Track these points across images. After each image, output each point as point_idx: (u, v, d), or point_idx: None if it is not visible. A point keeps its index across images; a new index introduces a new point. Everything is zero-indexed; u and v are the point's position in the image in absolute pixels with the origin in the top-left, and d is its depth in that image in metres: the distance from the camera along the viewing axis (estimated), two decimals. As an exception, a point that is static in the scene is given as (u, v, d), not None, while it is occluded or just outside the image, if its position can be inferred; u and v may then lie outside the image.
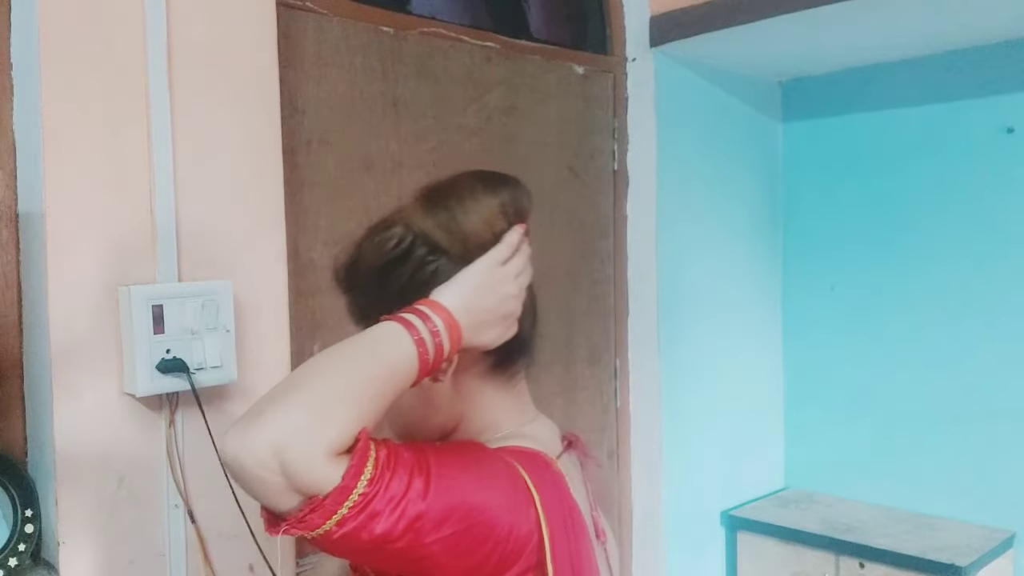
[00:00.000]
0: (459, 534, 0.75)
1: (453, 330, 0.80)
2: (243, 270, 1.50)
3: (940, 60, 2.45)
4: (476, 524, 0.75)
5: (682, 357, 2.41)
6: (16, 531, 1.31)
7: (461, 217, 0.87)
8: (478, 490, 0.76)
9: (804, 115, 2.75)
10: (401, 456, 0.74)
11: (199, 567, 1.44)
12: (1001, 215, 2.36)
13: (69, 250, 1.31)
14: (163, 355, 1.36)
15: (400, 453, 0.75)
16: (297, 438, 0.70)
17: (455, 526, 0.74)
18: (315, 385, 0.74)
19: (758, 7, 2.10)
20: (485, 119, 2.02)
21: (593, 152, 2.30)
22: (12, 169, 1.36)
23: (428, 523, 0.73)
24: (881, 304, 2.59)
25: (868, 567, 2.28)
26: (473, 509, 0.75)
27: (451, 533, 0.74)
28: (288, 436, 0.69)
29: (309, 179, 1.69)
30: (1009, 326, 2.36)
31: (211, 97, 1.46)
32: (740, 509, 2.60)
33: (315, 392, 0.73)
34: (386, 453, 0.73)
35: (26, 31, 1.32)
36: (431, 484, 0.73)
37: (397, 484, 0.72)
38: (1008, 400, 2.36)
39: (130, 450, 1.37)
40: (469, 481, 0.77)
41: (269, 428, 0.70)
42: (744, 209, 2.67)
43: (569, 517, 0.84)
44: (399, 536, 0.72)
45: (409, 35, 1.86)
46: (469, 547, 0.76)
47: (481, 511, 0.76)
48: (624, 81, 2.36)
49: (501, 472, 0.80)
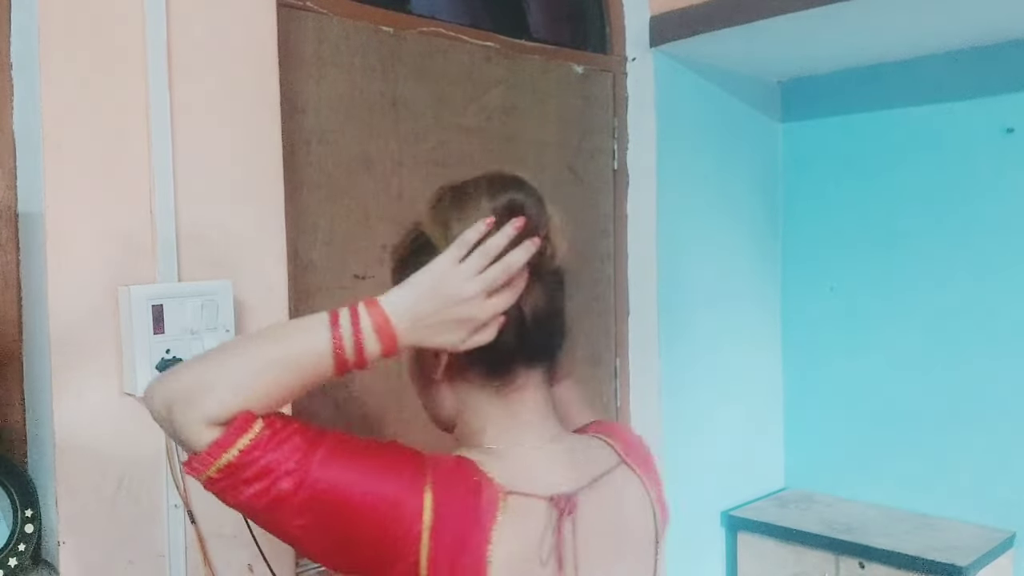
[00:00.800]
0: (321, 528, 0.80)
1: (383, 331, 0.82)
2: (243, 270, 1.50)
3: (940, 60, 2.45)
4: (341, 521, 0.80)
5: (682, 357, 2.41)
6: (16, 531, 1.31)
7: (455, 219, 0.87)
8: (357, 490, 0.80)
9: (804, 115, 2.75)
10: (290, 440, 0.80)
11: (199, 567, 1.44)
12: (1001, 215, 2.36)
13: (69, 250, 1.31)
14: (163, 355, 1.36)
15: (291, 438, 0.80)
16: (180, 403, 0.80)
17: (316, 519, 0.80)
18: (214, 360, 0.83)
19: (758, 7, 2.10)
20: (485, 119, 2.02)
21: (593, 152, 2.30)
22: (12, 169, 1.36)
23: (289, 508, 0.79)
24: (881, 304, 2.59)
25: (868, 567, 2.28)
26: (343, 507, 0.80)
27: (312, 524, 0.80)
28: (175, 399, 0.81)
29: (309, 179, 1.69)
30: (1009, 326, 2.36)
31: (211, 97, 1.46)
32: (740, 509, 2.60)
33: (211, 367, 0.82)
34: (271, 434, 0.80)
35: (26, 31, 1.32)
36: (308, 474, 0.79)
37: (270, 463, 0.79)
38: (1008, 400, 2.36)
39: (130, 450, 1.37)
40: (351, 481, 0.80)
41: (166, 388, 0.82)
42: (744, 209, 2.67)
43: (468, 530, 0.82)
44: (262, 509, 0.80)
45: (409, 35, 1.86)
46: (334, 542, 0.81)
47: (352, 510, 0.80)
48: (624, 81, 2.36)
49: (395, 476, 0.82)
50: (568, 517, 0.87)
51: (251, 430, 0.80)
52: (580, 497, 0.89)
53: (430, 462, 0.85)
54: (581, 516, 0.89)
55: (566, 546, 0.86)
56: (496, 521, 0.83)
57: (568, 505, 0.87)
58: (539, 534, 0.86)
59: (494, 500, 0.84)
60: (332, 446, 0.82)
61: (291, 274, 1.59)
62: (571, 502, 0.87)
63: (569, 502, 0.87)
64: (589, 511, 0.90)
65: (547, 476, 0.89)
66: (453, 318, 0.83)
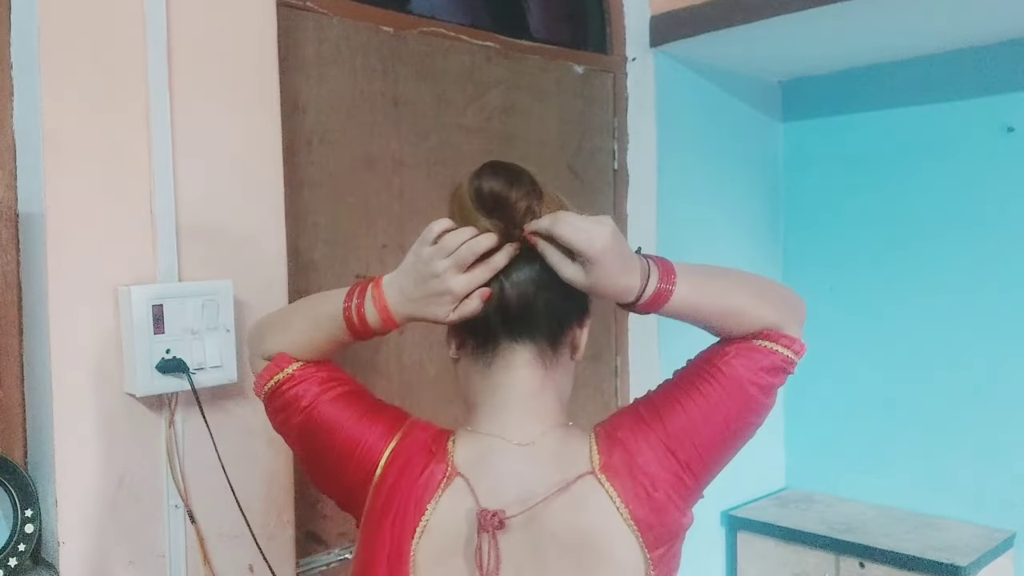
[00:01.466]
0: (314, 455, 1.00)
1: (378, 302, 0.94)
2: (243, 270, 1.50)
3: (940, 60, 2.45)
4: (326, 452, 0.98)
5: (682, 355, 2.39)
6: (16, 531, 1.31)
7: (451, 204, 0.96)
8: (343, 430, 0.97)
9: (804, 115, 2.75)
10: (310, 381, 0.99)
11: (199, 567, 1.44)
12: (1001, 214, 2.36)
13: (69, 250, 1.31)
14: (163, 355, 1.36)
15: (311, 379, 0.99)
16: (250, 341, 1.08)
17: (311, 446, 0.99)
18: (277, 313, 1.10)
19: (758, 7, 2.10)
20: (485, 118, 2.02)
21: (593, 151, 2.30)
22: (12, 169, 1.36)
23: (298, 435, 1.00)
24: (881, 304, 2.59)
25: (868, 567, 2.28)
26: (330, 441, 0.97)
27: (309, 450, 1.00)
28: (250, 338, 1.09)
29: (309, 178, 1.69)
30: (1009, 326, 2.36)
31: (211, 97, 1.46)
32: (740, 509, 2.60)
33: (272, 317, 1.08)
34: (299, 375, 0.99)
35: (26, 31, 1.32)
36: (315, 409, 0.98)
37: (292, 398, 0.99)
38: (1008, 400, 2.36)
39: (130, 450, 1.37)
40: (342, 421, 0.97)
41: (251, 330, 1.10)
42: (744, 209, 2.67)
43: (406, 493, 0.92)
44: (285, 434, 1.02)
45: (409, 35, 1.86)
46: (322, 472, 1.00)
47: (334, 445, 0.97)
48: (624, 81, 2.36)
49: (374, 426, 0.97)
50: (487, 535, 0.88)
51: (283, 371, 0.99)
52: (514, 520, 0.89)
53: (409, 425, 0.98)
54: (512, 537, 0.89)
55: (485, 557, 0.88)
56: (435, 496, 0.91)
57: (491, 523, 0.88)
58: (467, 532, 0.90)
59: (440, 476, 0.92)
60: (341, 393, 0.99)
61: (291, 273, 1.59)
62: (497, 521, 0.88)
63: (494, 519, 0.88)
64: (524, 531, 0.90)
65: (504, 478, 0.92)
66: (432, 292, 0.91)
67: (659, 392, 0.99)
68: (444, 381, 1.91)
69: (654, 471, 0.92)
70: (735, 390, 0.96)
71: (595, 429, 0.97)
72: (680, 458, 0.93)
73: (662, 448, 0.93)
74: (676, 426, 0.94)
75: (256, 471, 1.51)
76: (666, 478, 0.92)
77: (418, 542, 0.90)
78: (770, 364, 0.98)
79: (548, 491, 0.90)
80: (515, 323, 0.93)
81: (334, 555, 1.73)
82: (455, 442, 0.95)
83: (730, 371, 0.96)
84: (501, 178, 0.91)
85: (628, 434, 0.94)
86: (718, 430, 0.95)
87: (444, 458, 0.93)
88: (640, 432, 0.94)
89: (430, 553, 0.90)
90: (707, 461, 0.96)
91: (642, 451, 0.93)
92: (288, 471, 1.56)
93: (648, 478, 0.91)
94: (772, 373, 0.98)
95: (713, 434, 0.95)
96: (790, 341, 0.99)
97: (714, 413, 0.95)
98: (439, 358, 1.91)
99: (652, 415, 0.95)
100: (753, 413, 0.98)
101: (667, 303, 0.93)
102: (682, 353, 1.07)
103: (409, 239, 1.78)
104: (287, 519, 1.56)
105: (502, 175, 0.91)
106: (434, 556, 0.90)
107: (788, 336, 0.99)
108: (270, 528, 1.53)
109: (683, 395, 0.96)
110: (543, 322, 0.94)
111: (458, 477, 0.91)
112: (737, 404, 0.96)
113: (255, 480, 1.51)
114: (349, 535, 1.76)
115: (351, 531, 1.76)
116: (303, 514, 1.65)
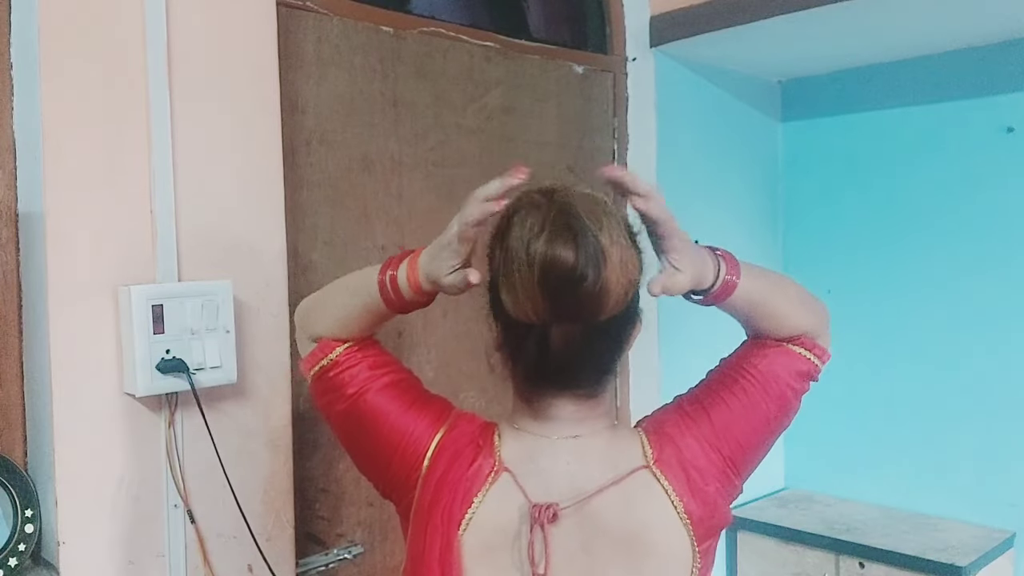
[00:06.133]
0: (356, 440, 1.00)
1: (411, 263, 0.94)
2: (243, 270, 1.50)
3: (940, 60, 2.44)
4: (372, 439, 0.98)
5: (682, 356, 2.40)
6: (16, 531, 1.31)
7: (496, 247, 0.94)
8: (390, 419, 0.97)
9: (804, 115, 2.75)
10: (359, 366, 0.99)
11: (199, 567, 1.44)
12: (1001, 215, 2.36)
13: (69, 250, 1.31)
14: (163, 355, 1.36)
15: (360, 364, 0.99)
16: (299, 324, 1.07)
17: (354, 432, 1.00)
18: (322, 292, 1.07)
19: (758, 7, 2.10)
20: (485, 119, 2.02)
21: (593, 152, 2.30)
22: (12, 169, 1.36)
23: (341, 420, 1.01)
24: (881, 303, 2.59)
25: (868, 567, 2.28)
26: (376, 428, 0.97)
27: (351, 435, 1.01)
28: (297, 321, 1.08)
29: (309, 179, 1.69)
30: (1009, 326, 2.36)
31: (211, 97, 1.46)
32: (740, 509, 2.60)
33: (316, 298, 1.06)
34: (346, 359, 0.99)
35: (26, 31, 1.32)
36: (362, 397, 0.98)
37: (338, 383, 0.99)
38: (1008, 400, 2.36)
39: (130, 450, 1.38)
40: (388, 411, 0.97)
41: (298, 311, 1.09)
42: (744, 209, 2.67)
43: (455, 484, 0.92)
44: (328, 417, 1.03)
45: (409, 35, 1.86)
46: (365, 455, 1.01)
47: (379, 433, 0.97)
48: (624, 81, 2.36)
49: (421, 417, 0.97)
50: (538, 527, 0.88)
51: (327, 356, 1.00)
52: (569, 510, 0.89)
53: (455, 417, 0.98)
54: (562, 530, 0.89)
55: (537, 550, 0.88)
56: (482, 489, 0.91)
57: (545, 516, 0.88)
58: (515, 526, 0.90)
59: (487, 470, 0.91)
60: (388, 383, 0.99)
61: (291, 274, 1.59)
62: (551, 513, 0.88)
63: (548, 511, 0.88)
64: (575, 525, 0.90)
65: (553, 474, 0.91)
66: (442, 243, 0.90)
67: (701, 389, 1.02)
68: (444, 381, 1.91)
69: (703, 465, 0.94)
70: (774, 390, 0.99)
71: (642, 425, 0.99)
72: (724, 453, 0.96)
73: (707, 444, 0.96)
74: (721, 423, 0.96)
75: (255, 471, 1.51)
76: (713, 473, 0.95)
77: (464, 534, 0.90)
78: (805, 370, 1.01)
79: (600, 485, 0.91)
80: (558, 373, 0.92)
81: (333, 555, 1.73)
82: (501, 437, 0.95)
83: (770, 372, 0.99)
84: (569, 247, 0.84)
85: (675, 430, 0.96)
86: (759, 428, 0.98)
87: (492, 452, 0.93)
88: (687, 428, 0.96)
89: (476, 546, 0.91)
90: (748, 458, 0.98)
91: (690, 446, 0.95)
92: (287, 472, 1.56)
93: (698, 472, 0.94)
94: (804, 378, 1.02)
95: (754, 432, 0.98)
96: (821, 351, 1.03)
97: (755, 411, 0.98)
98: (439, 359, 1.91)
99: (698, 411, 0.98)
100: (785, 415, 1.01)
101: (732, 295, 0.95)
102: (682, 354, 1.09)
103: (408, 240, 1.80)
104: (286, 519, 1.57)
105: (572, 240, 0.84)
106: (480, 549, 0.91)
107: (820, 346, 1.03)
108: (269, 528, 1.53)
109: (726, 392, 0.98)
110: (586, 377, 0.93)
111: (505, 472, 0.92)
112: (775, 404, 0.99)
113: (254, 480, 1.51)
114: (348, 536, 1.76)
115: (350, 532, 1.76)
116: (302, 515, 1.65)
